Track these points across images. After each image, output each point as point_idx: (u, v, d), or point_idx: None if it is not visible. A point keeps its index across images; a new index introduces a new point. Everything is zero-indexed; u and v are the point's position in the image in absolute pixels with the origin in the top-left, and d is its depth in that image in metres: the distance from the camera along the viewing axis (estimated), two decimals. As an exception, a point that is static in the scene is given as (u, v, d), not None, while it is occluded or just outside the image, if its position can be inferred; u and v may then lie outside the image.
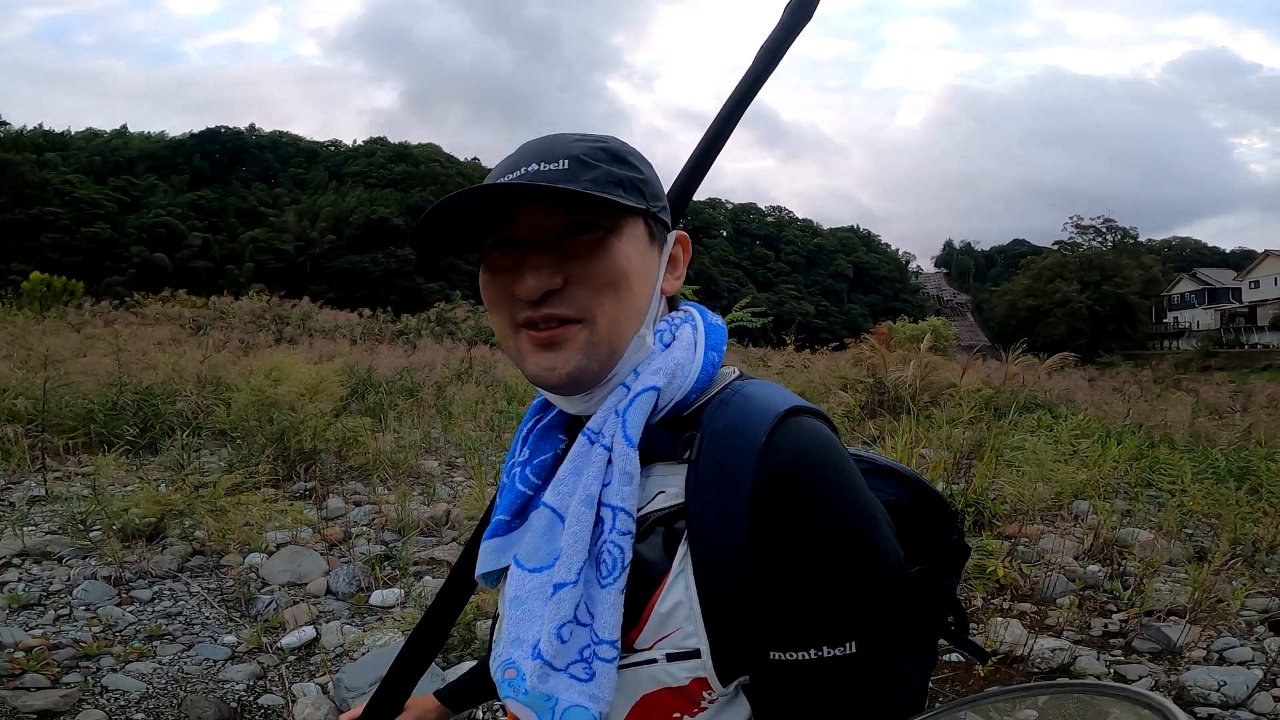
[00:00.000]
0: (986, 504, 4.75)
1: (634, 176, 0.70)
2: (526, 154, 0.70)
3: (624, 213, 0.68)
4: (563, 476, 0.69)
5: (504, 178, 0.68)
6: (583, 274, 0.67)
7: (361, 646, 2.96)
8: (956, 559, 0.84)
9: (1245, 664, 3.02)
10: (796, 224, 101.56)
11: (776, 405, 0.65)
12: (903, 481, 0.82)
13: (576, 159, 0.67)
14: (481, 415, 8.11)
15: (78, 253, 50.05)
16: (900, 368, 9.36)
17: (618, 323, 0.68)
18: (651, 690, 0.64)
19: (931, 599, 0.82)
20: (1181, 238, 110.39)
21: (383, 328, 21.58)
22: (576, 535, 0.65)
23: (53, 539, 3.96)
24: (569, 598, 0.63)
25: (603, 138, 0.72)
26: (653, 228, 0.73)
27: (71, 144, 71.36)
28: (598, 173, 0.67)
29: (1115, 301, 56.49)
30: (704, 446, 0.65)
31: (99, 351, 8.56)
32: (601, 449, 0.67)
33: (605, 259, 0.67)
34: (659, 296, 0.74)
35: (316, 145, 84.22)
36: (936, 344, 19.22)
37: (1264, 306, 50.77)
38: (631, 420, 0.66)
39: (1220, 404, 13.19)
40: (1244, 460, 5.76)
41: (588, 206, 0.67)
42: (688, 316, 0.76)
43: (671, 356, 0.69)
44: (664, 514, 0.65)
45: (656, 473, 0.67)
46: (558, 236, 0.67)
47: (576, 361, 0.67)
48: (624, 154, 0.71)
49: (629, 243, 0.69)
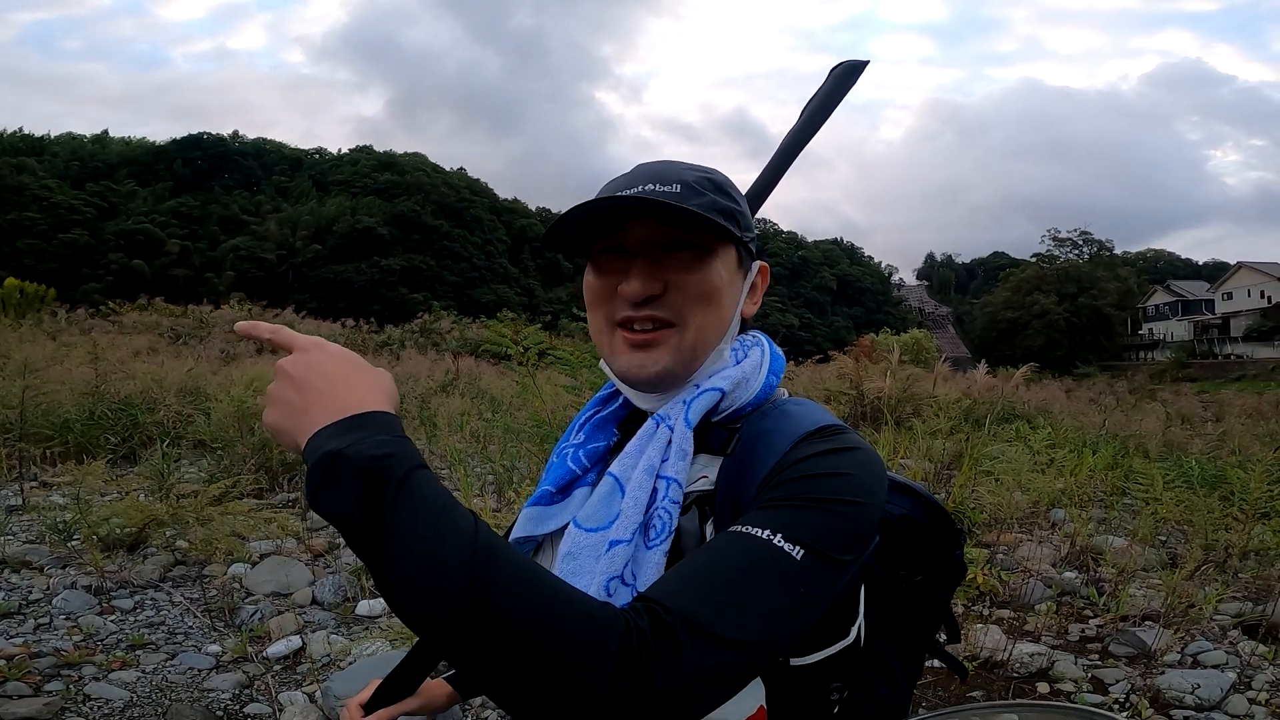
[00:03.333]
0: (966, 513, 4.82)
1: (733, 207, 0.80)
2: (642, 174, 0.79)
3: (722, 237, 0.77)
4: (629, 451, 0.78)
5: (621, 193, 0.75)
6: (681, 284, 0.76)
7: (349, 656, 2.96)
8: (955, 574, 0.92)
9: (1219, 667, 3.09)
10: (781, 236, 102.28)
11: (808, 423, 0.74)
12: (916, 498, 0.91)
13: (688, 185, 0.77)
14: (468, 426, 8.08)
15: (54, 259, 49.25)
16: (879, 379, 9.48)
17: (704, 332, 0.78)
18: None
19: (927, 609, 0.90)
20: (1156, 250, 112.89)
21: (366, 339, 21.46)
22: (636, 499, 0.73)
23: (31, 548, 3.92)
24: (622, 554, 0.71)
25: (709, 170, 0.82)
26: (742, 255, 0.83)
27: (50, 148, 70.24)
28: (704, 200, 0.76)
29: (1092, 313, 57.31)
30: (738, 445, 0.75)
31: (75, 360, 8.44)
32: (666, 429, 0.76)
33: (702, 273, 0.77)
34: (739, 317, 0.83)
35: (300, 153, 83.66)
36: (919, 356, 19.47)
37: (1237, 318, 51.78)
38: (694, 410, 0.76)
39: (1193, 414, 13.46)
40: (1216, 469, 5.90)
41: (693, 227, 0.75)
42: (758, 341, 0.86)
43: (741, 370, 0.80)
44: (700, 495, 0.75)
45: (701, 461, 0.77)
46: (662, 250, 0.77)
47: (665, 363, 0.77)
48: (726, 186, 0.81)
49: (722, 264, 0.79)
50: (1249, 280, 54.41)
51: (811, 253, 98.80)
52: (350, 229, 63.04)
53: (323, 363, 0.64)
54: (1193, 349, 49.68)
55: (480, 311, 41.37)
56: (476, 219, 72.41)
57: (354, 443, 0.57)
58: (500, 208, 78.48)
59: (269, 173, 77.31)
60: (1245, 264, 56.30)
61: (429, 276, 62.66)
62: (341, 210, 65.59)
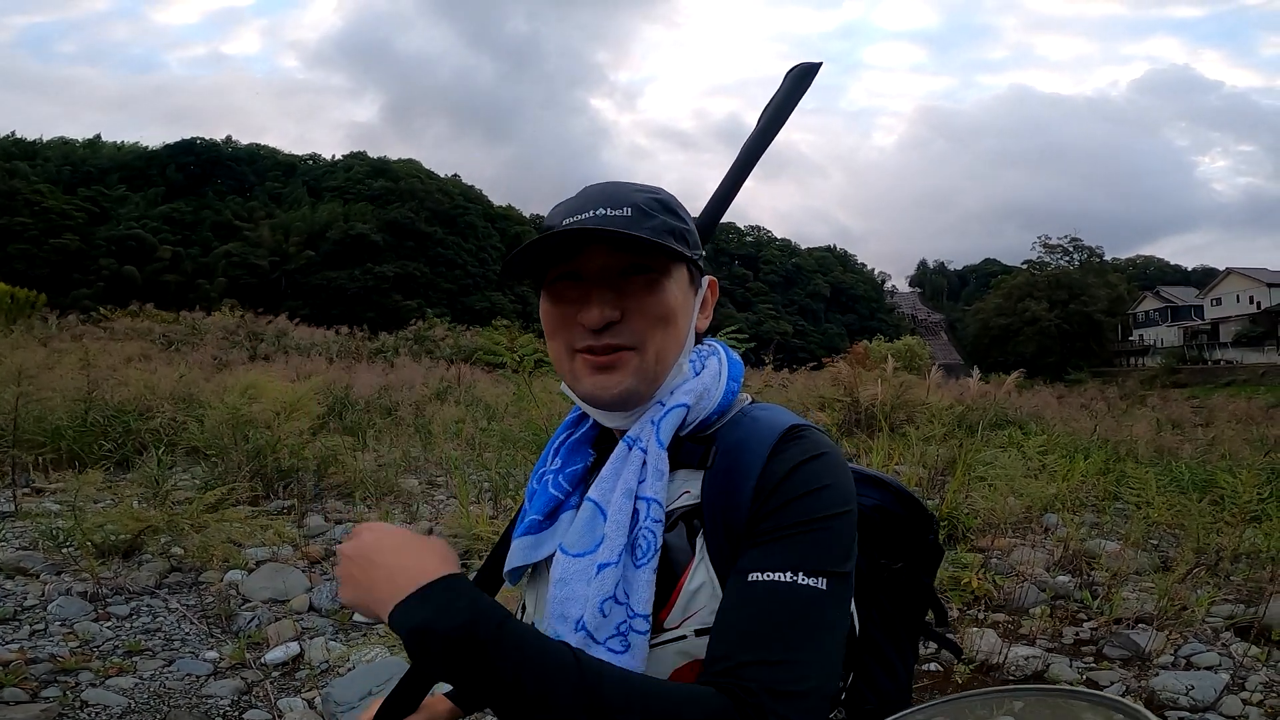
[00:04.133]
0: (960, 518, 4.85)
1: (682, 227, 0.81)
2: (592, 198, 0.80)
3: (675, 259, 0.79)
4: (605, 475, 0.80)
5: (571, 219, 0.78)
6: (638, 309, 0.78)
7: (347, 662, 2.95)
8: (932, 558, 0.96)
9: (1213, 668, 3.11)
10: (775, 244, 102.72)
11: (779, 426, 0.77)
12: (886, 488, 0.95)
13: (639, 208, 0.78)
14: (464, 433, 8.08)
15: (45, 265, 48.93)
16: (873, 386, 9.53)
17: (664, 352, 0.80)
18: (681, 664, 0.73)
19: (912, 594, 0.94)
20: (1145, 256, 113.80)
21: (360, 346, 21.36)
22: (618, 522, 0.75)
23: (25, 554, 3.89)
24: (611, 576, 0.74)
25: (657, 190, 0.83)
26: (693, 272, 0.85)
27: (42, 152, 69.82)
28: (656, 222, 0.78)
29: (1083, 320, 57.72)
30: (717, 457, 0.77)
31: (67, 367, 8.39)
32: (639, 451, 0.78)
33: (658, 296, 0.79)
34: (693, 332, 0.86)
35: (294, 159, 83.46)
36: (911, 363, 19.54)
37: (1226, 323, 52.22)
38: (664, 429, 0.78)
39: (1183, 419, 13.56)
40: (1206, 473, 5.95)
41: (648, 251, 0.77)
42: (714, 350, 0.88)
43: (701, 382, 0.81)
44: (686, 510, 0.77)
45: (680, 477, 0.79)
46: (619, 275, 0.78)
47: (628, 384, 0.78)
48: (674, 206, 0.83)
49: (676, 284, 0.80)
50: (1237, 286, 54.91)
51: (805, 260, 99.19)
52: (344, 235, 62.86)
53: (380, 540, 0.70)
54: (1183, 355, 50.05)
55: (474, 319, 41.32)
56: (470, 226, 72.39)
57: (436, 613, 0.62)
58: (494, 214, 78.50)
59: (262, 178, 77.04)
60: (1234, 270, 56.86)
61: (423, 283, 62.51)
62: (335, 216, 65.39)
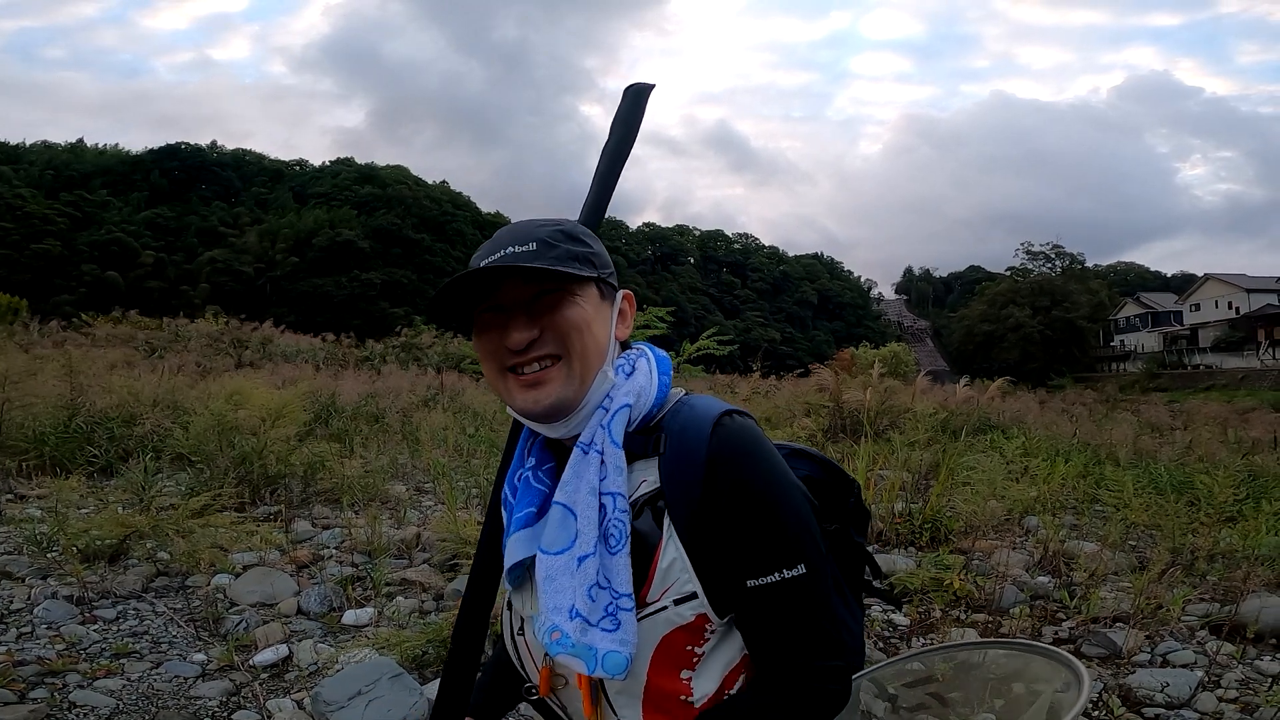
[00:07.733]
0: (943, 521, 4.93)
1: (585, 251, 0.93)
2: (502, 239, 0.93)
3: (579, 280, 0.91)
4: (566, 479, 0.90)
5: (488, 258, 0.91)
6: (553, 323, 0.90)
7: (336, 664, 2.97)
8: (859, 519, 1.09)
9: (1188, 666, 3.18)
10: (763, 251, 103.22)
11: (714, 410, 0.89)
12: (811, 459, 1.07)
13: (542, 241, 0.91)
14: (451, 439, 8.08)
15: (26, 270, 48.27)
16: (857, 392, 9.63)
17: (585, 357, 0.91)
18: (668, 631, 0.86)
19: (848, 552, 1.06)
20: (1126, 262, 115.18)
21: (347, 353, 21.28)
22: (588, 519, 0.86)
23: (10, 559, 3.87)
24: (592, 565, 0.85)
25: (560, 221, 0.96)
26: (603, 289, 0.96)
27: (25, 156, 68.86)
28: (559, 251, 0.90)
29: (1065, 326, 58.37)
30: (668, 443, 0.89)
31: (49, 373, 8.31)
32: (595, 454, 0.89)
33: (568, 312, 0.90)
34: (614, 341, 0.96)
35: (281, 164, 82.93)
36: (897, 369, 19.71)
37: (1205, 329, 52.98)
38: (615, 429, 0.89)
39: (1162, 423, 13.78)
40: (1184, 475, 6.07)
41: (552, 277, 0.89)
42: (641, 353, 0.98)
43: (636, 382, 0.93)
44: (648, 496, 0.88)
45: (637, 468, 0.90)
46: (532, 300, 0.90)
47: (556, 393, 0.89)
48: (578, 234, 0.94)
49: (585, 300, 0.92)
50: (1216, 292, 55.71)
51: (793, 267, 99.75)
52: (330, 242, 62.39)
53: None
54: (1163, 360, 50.70)
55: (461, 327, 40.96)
56: (459, 233, 72.04)
57: None
58: (483, 221, 78.12)
59: (248, 184, 76.43)
60: (1213, 276, 57.64)
61: (410, 291, 62.03)
62: (321, 223, 64.86)
